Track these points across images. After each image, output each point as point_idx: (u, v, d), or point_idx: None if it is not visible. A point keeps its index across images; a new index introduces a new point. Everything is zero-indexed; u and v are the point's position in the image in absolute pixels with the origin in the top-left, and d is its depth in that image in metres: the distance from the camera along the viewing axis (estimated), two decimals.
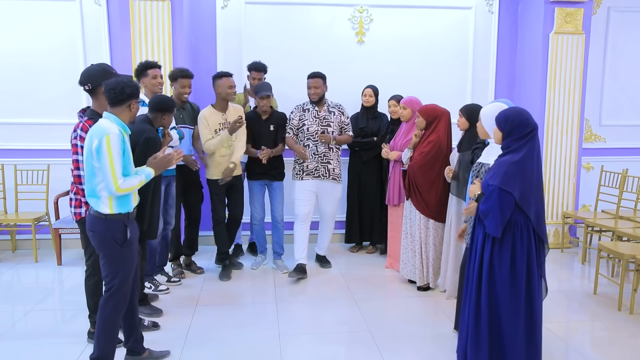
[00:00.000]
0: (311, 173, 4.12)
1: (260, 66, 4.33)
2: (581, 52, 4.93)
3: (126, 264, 2.46)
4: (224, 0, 4.92)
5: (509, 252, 2.34)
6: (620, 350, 2.98)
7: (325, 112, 4.15)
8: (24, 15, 4.71)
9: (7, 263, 4.53)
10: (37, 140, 4.83)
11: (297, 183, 4.15)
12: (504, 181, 2.27)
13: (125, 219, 2.47)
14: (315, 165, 4.10)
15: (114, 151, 2.34)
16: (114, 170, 2.34)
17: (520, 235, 2.34)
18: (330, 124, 4.13)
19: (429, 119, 3.74)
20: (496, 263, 2.38)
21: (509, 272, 2.35)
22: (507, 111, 2.41)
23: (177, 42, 4.53)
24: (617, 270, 4.24)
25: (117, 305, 2.46)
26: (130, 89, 2.44)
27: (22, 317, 3.36)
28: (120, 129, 2.42)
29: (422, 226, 3.76)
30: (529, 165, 2.30)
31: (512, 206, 2.29)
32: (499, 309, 2.38)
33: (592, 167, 5.41)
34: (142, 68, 3.61)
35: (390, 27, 5.12)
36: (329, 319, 3.40)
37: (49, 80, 4.78)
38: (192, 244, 4.29)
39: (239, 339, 3.06)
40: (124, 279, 2.46)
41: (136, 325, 2.70)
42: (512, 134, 2.33)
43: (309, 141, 4.11)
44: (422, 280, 3.84)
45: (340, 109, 4.24)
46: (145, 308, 3.30)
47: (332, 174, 4.15)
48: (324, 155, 4.12)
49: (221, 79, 3.92)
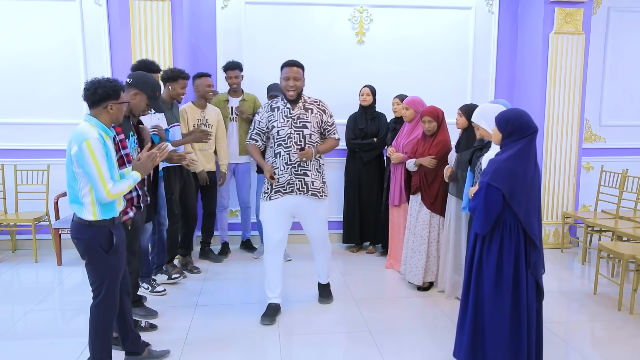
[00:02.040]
0: (281, 189, 3.26)
1: (232, 64, 4.50)
2: (581, 52, 4.93)
3: (113, 270, 2.41)
4: (224, 0, 4.93)
5: (496, 251, 2.36)
6: (620, 350, 2.98)
7: (300, 110, 3.30)
8: (24, 15, 4.71)
9: (7, 263, 4.53)
10: (37, 140, 4.83)
11: (265, 205, 3.33)
12: (493, 177, 2.29)
13: (110, 224, 2.39)
14: (289, 177, 3.25)
15: (97, 156, 2.25)
16: (102, 176, 2.26)
17: (509, 234, 2.34)
18: (306, 124, 3.27)
19: (439, 120, 3.80)
20: (484, 261, 2.41)
21: (494, 271, 2.37)
22: (508, 113, 2.40)
23: (177, 42, 4.53)
24: (617, 270, 4.24)
25: (107, 312, 2.42)
26: (103, 89, 2.31)
27: (22, 317, 3.36)
28: (101, 132, 2.32)
29: (434, 224, 3.80)
30: (522, 165, 2.29)
31: (499, 203, 2.29)
32: (483, 307, 2.42)
33: (592, 167, 5.41)
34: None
35: (390, 27, 5.12)
36: (329, 319, 3.40)
37: (49, 80, 4.78)
38: (189, 244, 4.32)
39: (239, 339, 3.06)
40: (111, 285, 2.41)
41: (130, 327, 2.67)
42: (512, 136, 2.33)
43: (279, 148, 3.26)
44: (424, 279, 3.84)
45: (320, 105, 3.36)
46: (140, 310, 3.29)
47: (310, 188, 3.29)
48: (299, 166, 3.27)
49: (200, 78, 4.23)
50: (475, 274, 2.44)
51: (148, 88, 2.91)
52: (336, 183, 5.14)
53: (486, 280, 2.40)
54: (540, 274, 2.42)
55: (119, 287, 2.48)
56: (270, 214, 3.30)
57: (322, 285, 3.67)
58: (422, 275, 3.82)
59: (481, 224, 2.35)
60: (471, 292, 2.46)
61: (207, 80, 4.23)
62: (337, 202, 5.17)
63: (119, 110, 2.41)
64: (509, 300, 2.36)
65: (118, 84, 2.40)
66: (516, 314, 2.37)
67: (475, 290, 2.44)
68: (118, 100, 2.38)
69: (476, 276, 2.44)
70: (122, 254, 2.49)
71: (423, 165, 3.77)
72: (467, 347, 2.48)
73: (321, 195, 3.35)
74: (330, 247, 3.61)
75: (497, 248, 2.36)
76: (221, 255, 4.69)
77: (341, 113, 4.91)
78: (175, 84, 3.89)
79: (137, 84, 2.86)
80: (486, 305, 2.40)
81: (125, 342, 2.68)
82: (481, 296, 2.43)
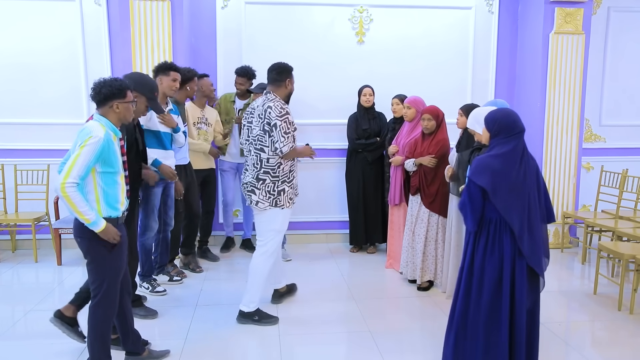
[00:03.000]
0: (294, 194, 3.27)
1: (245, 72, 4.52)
2: (581, 52, 4.93)
3: (113, 270, 2.41)
4: (224, 1, 4.93)
5: (482, 247, 2.39)
6: (620, 350, 2.98)
7: None
8: (24, 15, 4.71)
9: (7, 263, 4.53)
10: (37, 140, 4.83)
11: (284, 212, 3.18)
12: (473, 173, 2.34)
13: (114, 223, 2.40)
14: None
15: (85, 151, 2.24)
16: (71, 168, 2.23)
17: (494, 230, 2.37)
18: None
19: (438, 120, 3.81)
20: (475, 258, 2.42)
21: (480, 267, 2.39)
22: (496, 113, 2.45)
23: (177, 43, 4.54)
24: (617, 270, 4.24)
25: (106, 311, 2.42)
26: (107, 89, 2.34)
27: (22, 317, 3.37)
28: (109, 132, 2.35)
29: (432, 223, 3.80)
30: (506, 162, 2.31)
31: (481, 198, 2.34)
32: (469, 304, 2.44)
33: (592, 167, 5.41)
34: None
35: (391, 27, 5.12)
36: (329, 319, 3.39)
37: (49, 80, 4.78)
38: (191, 243, 4.34)
39: (239, 339, 3.06)
40: (111, 285, 2.41)
41: (131, 327, 2.67)
42: (499, 135, 2.38)
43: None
44: (422, 278, 3.85)
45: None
46: (140, 310, 3.29)
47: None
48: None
49: (203, 79, 4.30)
50: (467, 271, 2.46)
51: (146, 89, 2.91)
52: (336, 183, 5.14)
53: (475, 277, 2.42)
54: (542, 264, 2.39)
55: (118, 287, 2.48)
56: (285, 222, 3.24)
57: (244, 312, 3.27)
58: (419, 272, 3.83)
59: (468, 220, 2.40)
60: (461, 289, 2.48)
61: (210, 81, 4.36)
62: (338, 203, 5.19)
63: (126, 109, 2.42)
64: (488, 297, 2.37)
65: (124, 83, 2.42)
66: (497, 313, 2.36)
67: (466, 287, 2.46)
68: (124, 99, 2.40)
69: (467, 273, 2.45)
70: (124, 253, 2.49)
71: (423, 164, 3.78)
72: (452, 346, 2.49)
73: None
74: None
75: (483, 244, 2.39)
76: (224, 250, 4.77)
77: (341, 113, 4.92)
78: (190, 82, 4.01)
79: (136, 86, 2.83)
80: (472, 303, 2.42)
81: (125, 342, 2.67)
82: (469, 293, 2.45)
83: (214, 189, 4.56)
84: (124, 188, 2.49)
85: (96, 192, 2.35)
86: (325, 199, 5.18)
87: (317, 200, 5.17)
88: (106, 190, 2.37)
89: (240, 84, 4.52)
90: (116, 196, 2.42)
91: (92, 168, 2.30)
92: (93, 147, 2.26)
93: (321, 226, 5.24)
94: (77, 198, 2.24)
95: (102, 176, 2.36)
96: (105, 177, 2.36)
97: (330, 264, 4.54)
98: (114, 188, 2.41)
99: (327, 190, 5.18)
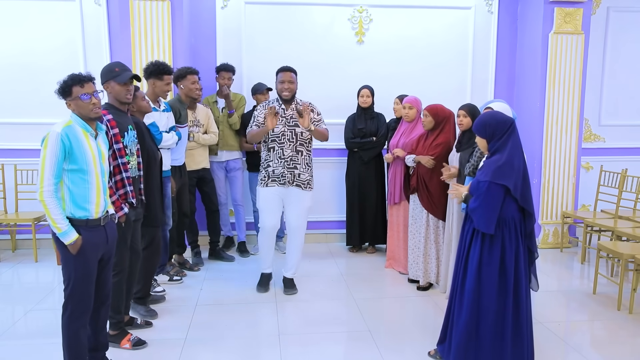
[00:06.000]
0: (277, 179, 3.65)
1: (228, 67, 4.55)
2: (580, 52, 4.94)
3: (78, 271, 2.31)
4: (223, 1, 4.93)
5: (499, 250, 2.40)
6: (619, 350, 2.98)
7: (293, 111, 3.70)
8: (24, 15, 4.71)
9: (7, 263, 4.53)
10: (37, 140, 4.74)
11: (261, 190, 3.70)
12: (495, 176, 2.35)
13: (82, 225, 2.31)
14: (282, 170, 3.64)
15: (47, 152, 2.21)
16: (42, 176, 2.20)
17: (508, 232, 2.40)
18: (298, 123, 3.66)
19: (438, 119, 3.75)
20: (485, 262, 2.42)
21: (497, 270, 2.39)
22: (481, 118, 2.50)
23: (177, 42, 4.54)
24: (617, 270, 4.24)
25: (73, 312, 2.33)
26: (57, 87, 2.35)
27: (22, 317, 3.37)
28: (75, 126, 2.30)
29: (432, 224, 3.79)
30: (517, 157, 2.40)
31: (501, 200, 2.36)
32: (480, 308, 2.43)
33: (592, 167, 5.42)
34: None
35: (390, 27, 5.13)
36: (329, 319, 3.40)
37: (49, 80, 4.66)
38: (183, 242, 4.33)
39: (239, 339, 3.07)
40: (76, 287, 2.31)
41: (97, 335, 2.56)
42: (495, 137, 2.43)
43: (274, 143, 3.66)
44: (425, 279, 3.85)
45: (309, 106, 3.76)
46: (141, 308, 3.31)
47: (297, 179, 3.66)
48: (291, 160, 3.65)
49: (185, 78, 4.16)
50: (476, 274, 2.44)
51: (109, 74, 2.82)
52: (336, 183, 5.15)
53: (488, 281, 2.40)
54: (534, 243, 2.52)
55: (89, 292, 2.36)
56: (267, 201, 3.70)
57: (287, 279, 3.89)
58: (422, 272, 3.83)
59: (486, 222, 2.38)
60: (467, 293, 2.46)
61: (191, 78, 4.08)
62: (337, 203, 5.19)
63: (77, 106, 2.34)
64: (510, 302, 2.39)
65: (66, 80, 2.36)
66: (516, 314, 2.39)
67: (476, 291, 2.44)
68: (70, 97, 2.35)
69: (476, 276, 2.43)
70: (90, 260, 2.35)
71: (421, 163, 3.76)
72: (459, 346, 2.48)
73: (305, 187, 3.72)
74: (303, 243, 3.86)
75: (499, 247, 2.39)
76: (224, 249, 4.75)
77: (341, 113, 4.92)
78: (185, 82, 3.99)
79: (102, 77, 2.81)
80: (486, 308, 2.41)
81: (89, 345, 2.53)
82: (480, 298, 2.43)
83: (213, 188, 4.53)
84: (101, 188, 2.39)
85: (62, 190, 2.29)
86: (325, 199, 5.19)
87: (317, 200, 5.15)
88: (72, 188, 2.29)
89: (228, 78, 4.52)
90: (85, 196, 2.32)
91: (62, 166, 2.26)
92: (51, 145, 2.23)
93: (321, 226, 5.24)
94: (52, 205, 2.23)
95: (68, 174, 2.29)
96: (71, 174, 2.29)
97: (330, 264, 4.54)
98: (81, 186, 2.31)
99: (326, 191, 5.18)
